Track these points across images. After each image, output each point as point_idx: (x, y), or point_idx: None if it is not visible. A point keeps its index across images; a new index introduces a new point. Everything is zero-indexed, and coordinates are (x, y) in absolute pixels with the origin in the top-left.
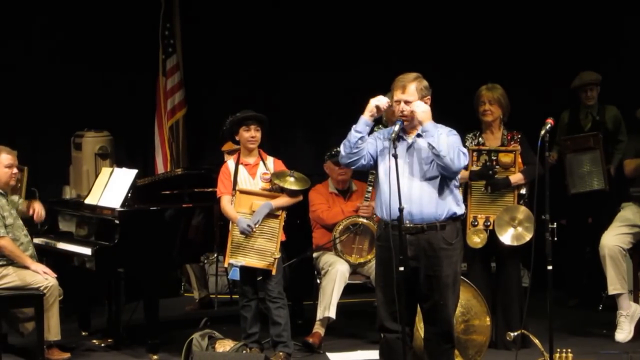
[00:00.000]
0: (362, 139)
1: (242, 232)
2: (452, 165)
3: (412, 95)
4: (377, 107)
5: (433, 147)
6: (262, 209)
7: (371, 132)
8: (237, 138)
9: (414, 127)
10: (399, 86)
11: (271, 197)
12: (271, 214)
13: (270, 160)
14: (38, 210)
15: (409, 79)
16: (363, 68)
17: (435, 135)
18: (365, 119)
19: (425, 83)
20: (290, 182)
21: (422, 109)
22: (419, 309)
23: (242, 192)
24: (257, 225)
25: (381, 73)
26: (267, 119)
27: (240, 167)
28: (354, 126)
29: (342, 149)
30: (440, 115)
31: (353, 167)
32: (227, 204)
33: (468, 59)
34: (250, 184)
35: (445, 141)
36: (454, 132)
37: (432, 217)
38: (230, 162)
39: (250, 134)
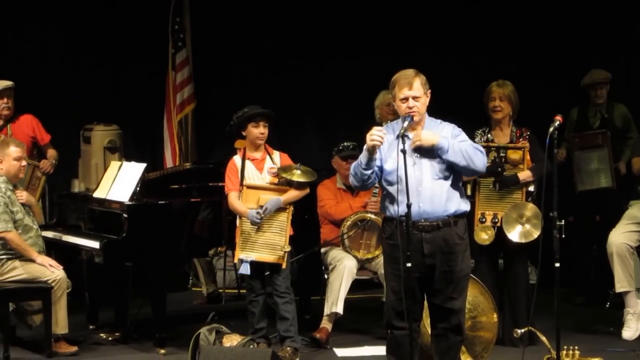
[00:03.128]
0: (372, 172)
1: (252, 222)
2: (475, 168)
3: (418, 90)
4: (374, 147)
5: (452, 162)
6: (271, 203)
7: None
8: (244, 134)
9: (418, 123)
10: (404, 83)
11: (278, 191)
12: (280, 208)
13: (276, 154)
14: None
15: (412, 75)
16: (371, 61)
17: (447, 148)
18: (367, 156)
19: (424, 77)
20: (298, 175)
21: (426, 136)
22: (425, 304)
23: (249, 187)
24: (265, 215)
25: (389, 66)
26: (274, 114)
27: (247, 162)
28: (360, 165)
29: (352, 179)
30: (449, 111)
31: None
32: (235, 200)
33: (478, 56)
34: (257, 178)
35: (459, 149)
36: (458, 128)
37: (445, 214)
38: (236, 157)
39: (259, 131)
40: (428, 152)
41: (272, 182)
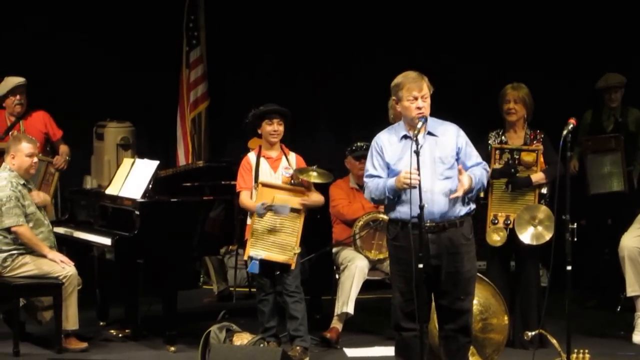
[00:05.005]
0: None
1: (257, 214)
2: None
3: (426, 91)
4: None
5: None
6: (278, 207)
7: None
8: (259, 131)
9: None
10: (414, 86)
11: (294, 192)
12: (293, 209)
13: (292, 155)
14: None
15: (419, 77)
16: (385, 61)
17: (474, 189)
18: (395, 191)
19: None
20: (314, 177)
21: (468, 183)
22: (433, 305)
23: (265, 185)
24: (270, 210)
25: (404, 67)
26: (290, 113)
27: (262, 160)
28: (384, 194)
29: (368, 197)
30: (463, 113)
31: None
32: (246, 198)
33: (493, 58)
34: (272, 177)
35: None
36: (461, 130)
37: (451, 215)
38: (251, 154)
39: (273, 128)
40: (432, 154)
41: (285, 181)
